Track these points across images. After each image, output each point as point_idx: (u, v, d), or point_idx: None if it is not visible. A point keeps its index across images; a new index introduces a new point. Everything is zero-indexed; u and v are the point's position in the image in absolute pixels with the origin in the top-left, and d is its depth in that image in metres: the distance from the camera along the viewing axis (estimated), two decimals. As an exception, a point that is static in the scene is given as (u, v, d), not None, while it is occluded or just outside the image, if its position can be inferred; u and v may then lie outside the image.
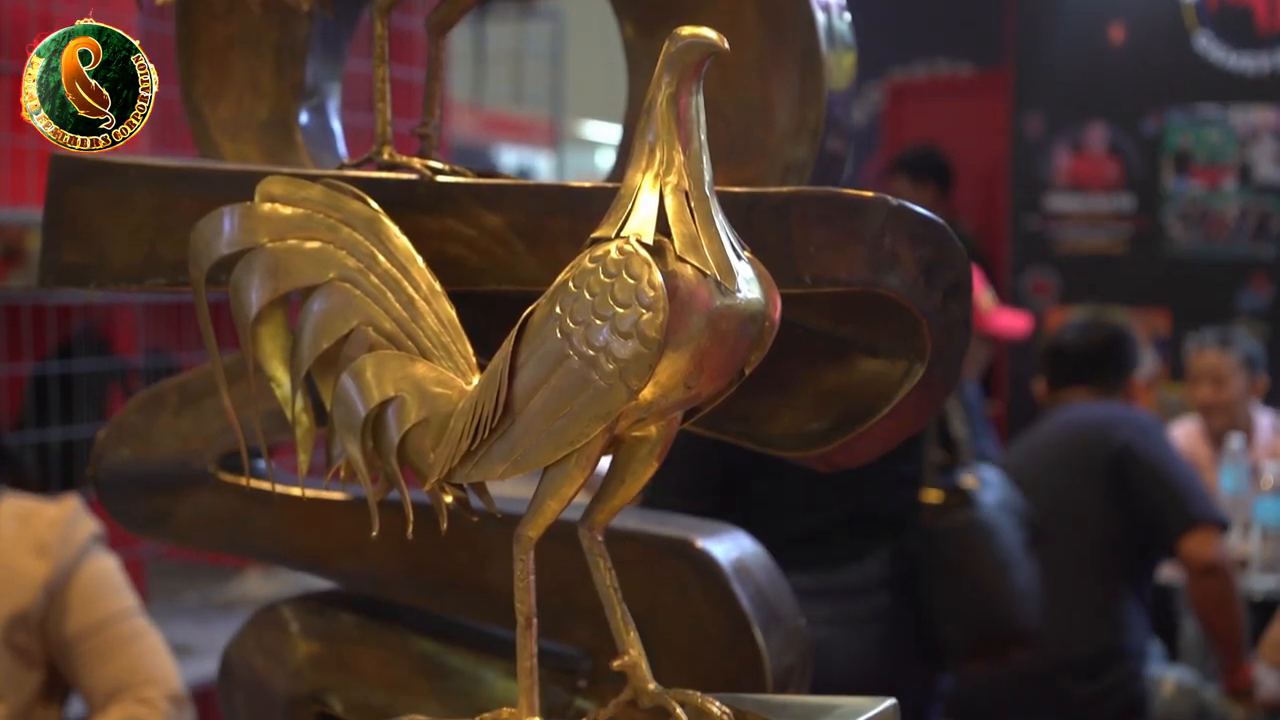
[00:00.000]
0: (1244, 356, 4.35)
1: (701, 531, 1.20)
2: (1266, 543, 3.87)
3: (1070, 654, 3.21)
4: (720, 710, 0.87)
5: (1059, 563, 3.21)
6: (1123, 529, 3.21)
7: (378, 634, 1.26)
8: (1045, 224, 5.68)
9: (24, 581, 2.05)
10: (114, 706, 2.07)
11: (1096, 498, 3.21)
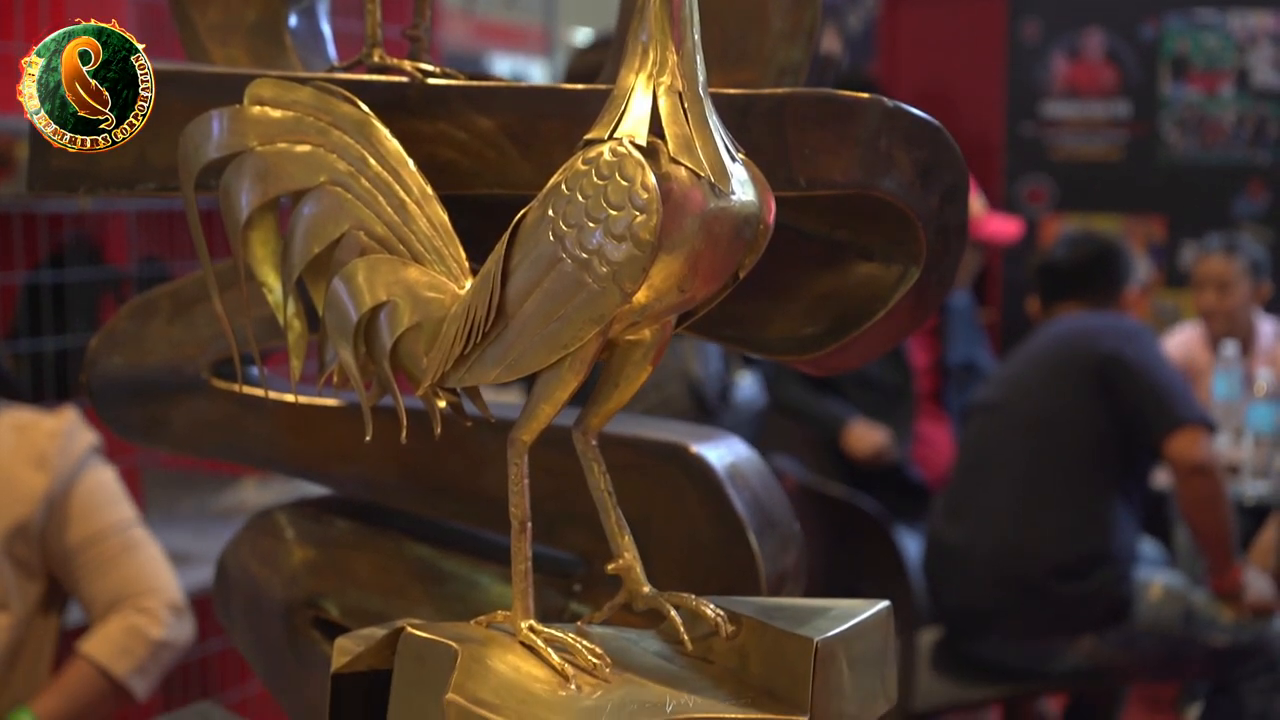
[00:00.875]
0: (1249, 262, 4.35)
1: (696, 437, 1.20)
2: (1259, 449, 3.89)
3: (1058, 558, 3.24)
4: (714, 613, 0.88)
5: (1048, 468, 3.24)
6: (1110, 433, 3.23)
7: (373, 539, 1.26)
8: (1041, 131, 5.66)
9: (24, 493, 2.05)
10: (114, 616, 2.09)
11: (1084, 403, 3.22)
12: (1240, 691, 3.37)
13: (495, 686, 0.79)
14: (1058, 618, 3.28)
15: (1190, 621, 3.33)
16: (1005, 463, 3.30)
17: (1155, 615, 3.32)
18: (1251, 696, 3.36)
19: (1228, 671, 3.39)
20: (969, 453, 3.41)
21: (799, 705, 0.81)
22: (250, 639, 1.33)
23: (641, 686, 0.82)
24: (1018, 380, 3.34)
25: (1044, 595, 3.25)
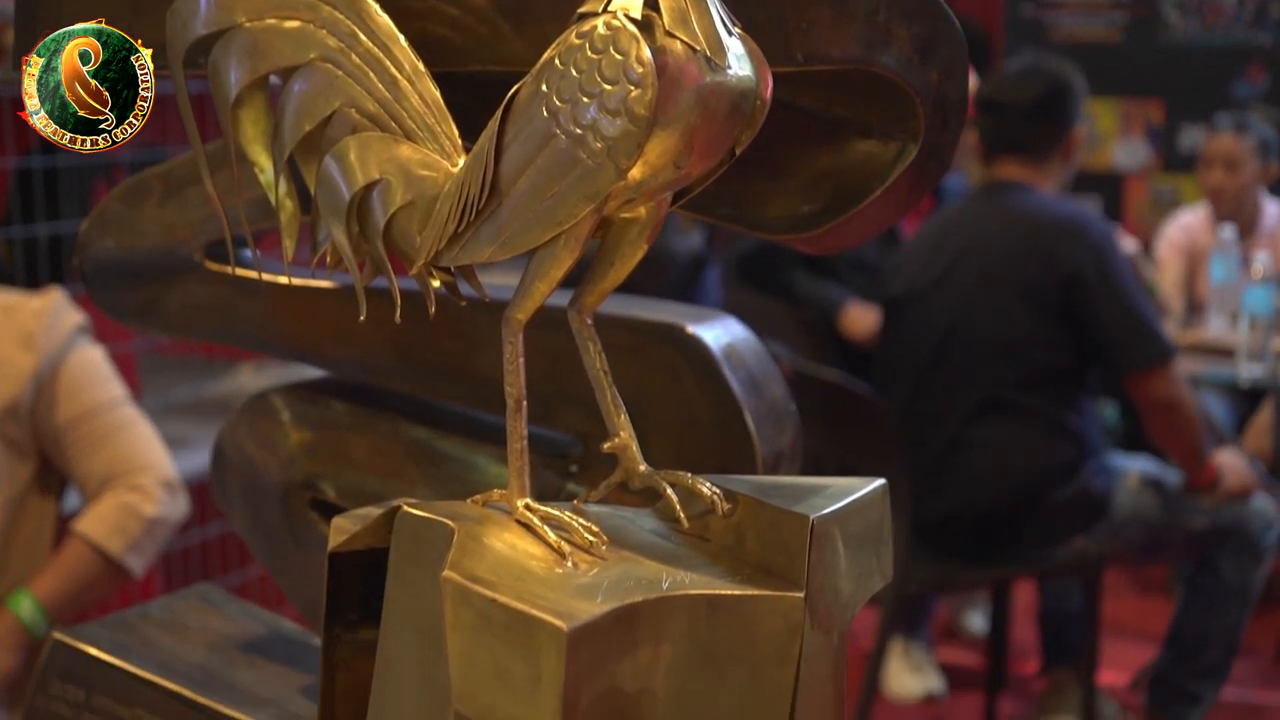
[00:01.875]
0: (1259, 141, 4.33)
1: (692, 317, 1.20)
2: (1254, 331, 3.89)
3: (1037, 469, 3.26)
4: (711, 491, 0.88)
5: (1015, 389, 3.25)
6: (1077, 355, 3.24)
7: (369, 421, 1.26)
8: (1040, 11, 5.60)
9: (11, 373, 2.05)
10: (107, 494, 2.09)
11: (1047, 329, 3.22)
12: (1220, 568, 3.42)
13: (492, 564, 0.79)
14: (1045, 524, 3.31)
15: (1169, 507, 3.36)
16: (970, 386, 3.30)
17: (1135, 504, 3.35)
18: (1230, 571, 3.41)
19: (1209, 551, 3.43)
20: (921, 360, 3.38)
21: (795, 582, 0.82)
22: (248, 521, 1.33)
23: (638, 564, 0.82)
24: (964, 295, 3.30)
25: (1029, 506, 3.29)
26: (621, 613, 0.76)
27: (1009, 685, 4.31)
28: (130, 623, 1.36)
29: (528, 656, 0.74)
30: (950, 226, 3.44)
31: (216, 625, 1.39)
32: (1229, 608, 3.45)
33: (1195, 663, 3.52)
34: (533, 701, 0.74)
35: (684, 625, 0.80)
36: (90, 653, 1.27)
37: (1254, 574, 3.42)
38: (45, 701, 1.28)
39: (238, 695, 1.27)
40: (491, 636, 0.75)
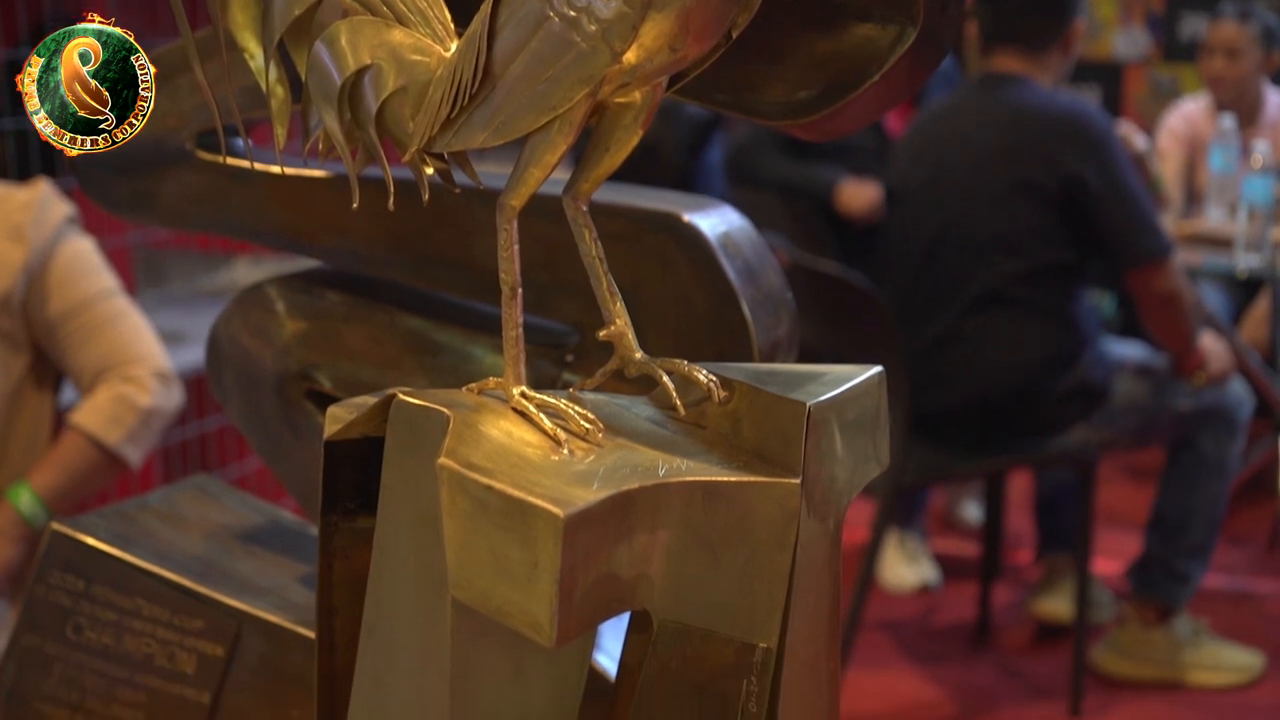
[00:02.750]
0: (1262, 29, 4.30)
1: (688, 206, 1.19)
2: (1253, 222, 3.88)
3: (1037, 361, 3.28)
4: (707, 378, 0.87)
5: (1006, 273, 3.25)
6: (1070, 250, 3.24)
7: (365, 311, 1.26)
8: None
9: (1, 266, 2.05)
10: (102, 386, 2.10)
11: (1045, 226, 3.22)
12: (1198, 445, 3.46)
13: (488, 451, 0.79)
14: (1044, 415, 3.33)
15: (1159, 392, 3.39)
16: (966, 279, 3.30)
17: (1129, 391, 3.37)
18: (1209, 447, 3.45)
19: (1190, 432, 3.47)
20: (918, 253, 3.38)
21: (791, 468, 0.82)
22: (244, 412, 1.33)
23: (634, 451, 0.82)
24: (962, 189, 3.29)
25: (1027, 397, 3.30)
26: (618, 499, 0.76)
27: (1004, 575, 4.35)
28: (129, 514, 1.36)
29: (524, 543, 0.74)
30: (946, 119, 3.41)
31: (214, 516, 1.40)
32: (1209, 483, 3.49)
33: (1180, 542, 3.56)
34: (529, 587, 0.74)
35: (680, 512, 0.80)
36: (89, 543, 1.28)
37: (1229, 448, 3.46)
38: (45, 592, 1.28)
39: (236, 584, 1.28)
40: (488, 523, 0.75)
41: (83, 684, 1.28)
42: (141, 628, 1.26)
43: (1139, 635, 3.67)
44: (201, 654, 1.25)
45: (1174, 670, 3.68)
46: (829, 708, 0.88)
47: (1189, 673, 3.68)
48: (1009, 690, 3.76)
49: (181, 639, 1.25)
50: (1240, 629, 3.96)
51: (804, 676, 0.84)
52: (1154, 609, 3.64)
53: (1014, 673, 3.86)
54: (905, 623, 4.15)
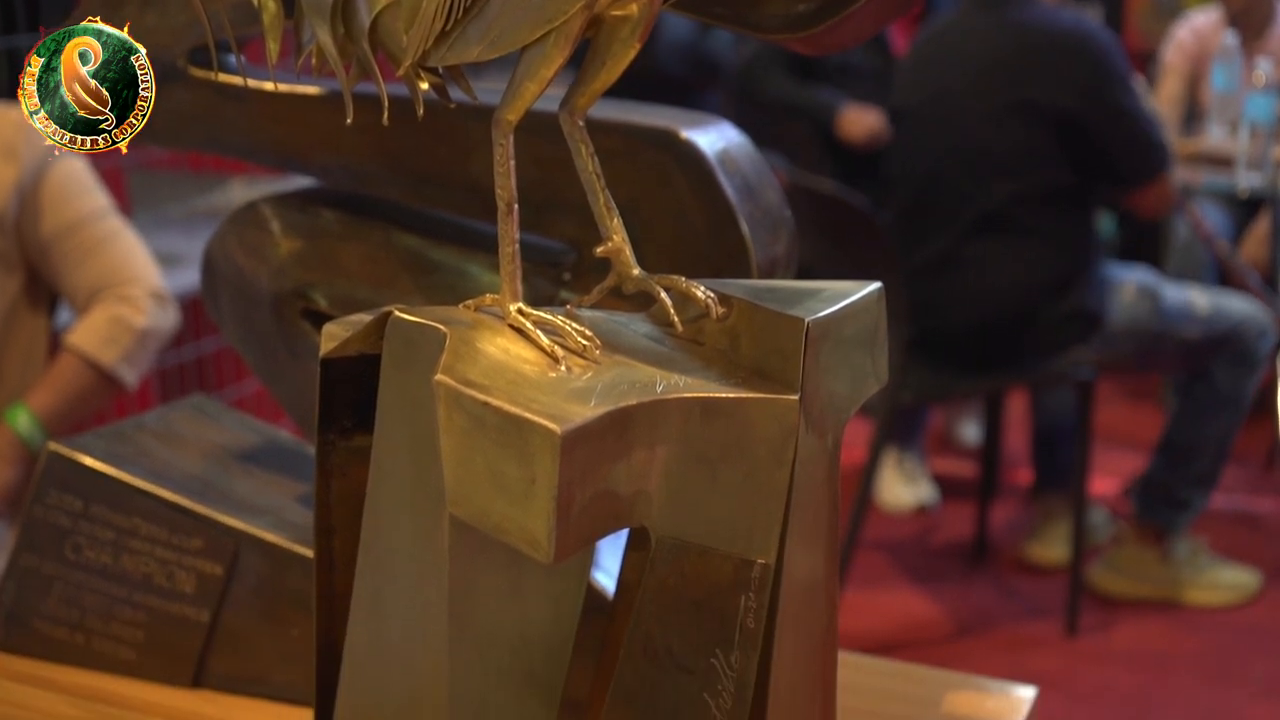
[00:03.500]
0: None
1: (686, 122, 1.17)
2: (1254, 140, 3.86)
3: (1035, 283, 3.27)
4: (705, 294, 0.87)
5: (1007, 194, 3.24)
6: (1071, 172, 3.23)
7: (360, 230, 1.25)
8: None
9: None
10: (97, 307, 2.09)
11: (1043, 140, 3.21)
12: (1214, 377, 3.46)
13: (485, 368, 0.79)
14: (1042, 337, 3.33)
15: (1163, 317, 3.38)
16: (967, 200, 3.29)
17: (1130, 315, 3.37)
18: (1224, 379, 3.45)
19: (1204, 361, 3.46)
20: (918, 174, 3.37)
21: (790, 384, 0.81)
22: (240, 332, 1.32)
23: (631, 368, 0.82)
24: (963, 109, 3.28)
25: (1025, 319, 3.30)
26: (615, 416, 0.76)
27: (1001, 494, 4.36)
28: (126, 433, 1.36)
29: (521, 460, 0.74)
30: (948, 37, 3.39)
31: (211, 436, 1.39)
32: (1221, 416, 3.49)
33: (1186, 470, 3.57)
34: (527, 504, 0.74)
35: (678, 428, 0.79)
36: (86, 463, 1.28)
37: (1247, 383, 3.46)
38: (43, 512, 1.28)
39: (234, 504, 1.27)
40: (485, 440, 0.75)
41: (82, 603, 1.28)
42: (140, 547, 1.26)
43: (1136, 555, 3.69)
44: (200, 573, 1.25)
45: (1171, 589, 3.70)
46: (827, 624, 0.88)
47: (1186, 592, 3.70)
48: (1006, 609, 3.78)
49: (180, 558, 1.26)
50: (1237, 548, 3.98)
51: (802, 592, 0.84)
52: (1153, 531, 3.66)
53: (1011, 592, 3.88)
54: (903, 542, 4.17)
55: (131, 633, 1.27)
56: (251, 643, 1.25)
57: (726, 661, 0.81)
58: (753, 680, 0.81)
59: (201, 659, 1.26)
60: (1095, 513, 3.97)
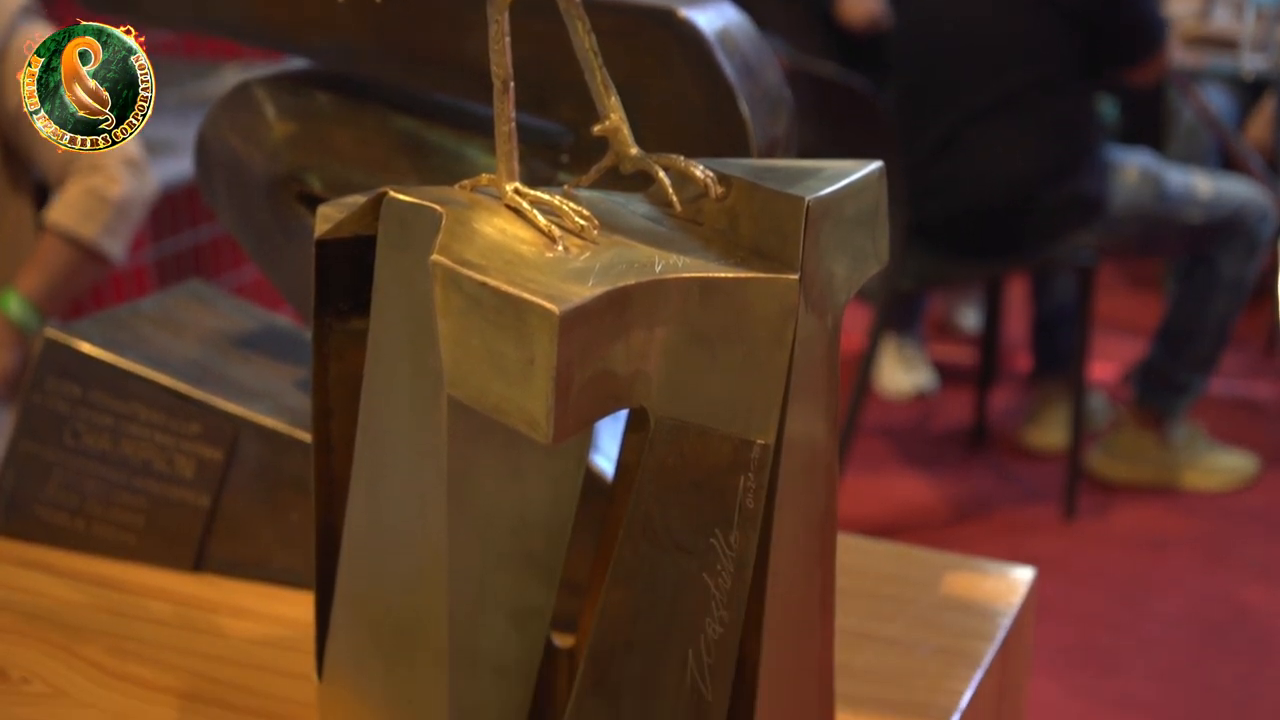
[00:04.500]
0: None
1: (685, 1, 1.16)
2: (1259, 22, 3.82)
3: (1036, 167, 3.26)
4: (704, 174, 0.86)
5: (1007, 79, 3.21)
6: (1071, 55, 3.22)
7: (355, 113, 1.23)
8: None
9: None
10: (71, 181, 2.08)
11: (1043, 22, 3.19)
12: (1216, 261, 3.45)
13: (481, 248, 0.78)
14: (1043, 222, 3.32)
15: (1164, 200, 3.37)
16: (967, 84, 3.27)
17: (1132, 198, 3.36)
18: (1225, 265, 3.44)
19: (1205, 246, 3.46)
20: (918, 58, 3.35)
21: (789, 264, 0.80)
22: (236, 216, 1.31)
23: (630, 248, 0.81)
24: None
25: (1026, 204, 3.29)
26: (614, 296, 0.75)
27: (1000, 380, 4.37)
28: (122, 319, 1.35)
29: (519, 340, 0.73)
30: None
31: (209, 321, 1.39)
32: (1221, 300, 3.49)
33: (1185, 354, 3.58)
34: (525, 385, 0.73)
35: (677, 309, 0.79)
36: (84, 350, 1.27)
37: (1248, 267, 3.45)
38: (41, 398, 1.28)
39: (233, 389, 1.27)
40: (482, 320, 0.74)
41: (82, 489, 1.28)
42: (139, 432, 1.26)
43: (1135, 439, 3.70)
44: (200, 458, 1.25)
45: (1168, 473, 3.72)
46: (826, 505, 0.88)
47: (1183, 475, 3.72)
48: (1004, 494, 3.80)
49: (179, 443, 1.25)
50: (1235, 432, 3.99)
51: (801, 473, 0.84)
52: (1152, 415, 3.67)
53: (1009, 477, 3.90)
54: (902, 428, 4.18)
55: (132, 518, 1.27)
56: (251, 527, 1.25)
57: (726, 541, 0.81)
58: (752, 560, 0.81)
59: (202, 543, 1.27)
60: (1094, 398, 3.98)
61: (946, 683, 1.13)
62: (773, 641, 0.85)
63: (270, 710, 1.08)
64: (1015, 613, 1.23)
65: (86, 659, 1.14)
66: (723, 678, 0.82)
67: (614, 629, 0.82)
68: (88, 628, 1.19)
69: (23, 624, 1.19)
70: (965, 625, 1.21)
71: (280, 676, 1.12)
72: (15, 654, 1.15)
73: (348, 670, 0.92)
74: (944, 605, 1.24)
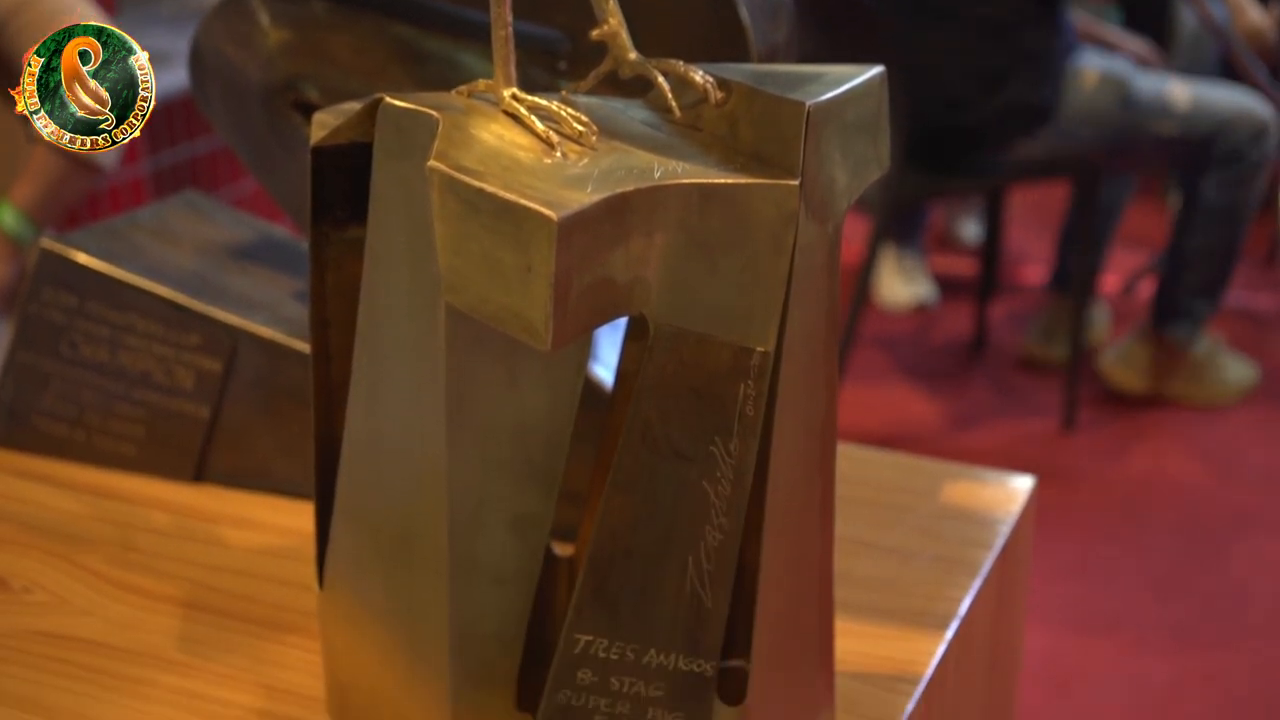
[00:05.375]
0: None
1: (683, -97, 1.14)
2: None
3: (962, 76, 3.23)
4: (703, 79, 0.85)
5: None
6: None
7: (351, 19, 1.22)
8: None
9: None
10: None
11: None
12: (1200, 189, 3.42)
13: (479, 155, 0.77)
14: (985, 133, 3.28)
15: (1130, 108, 3.31)
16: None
17: (1088, 105, 3.30)
18: (1211, 192, 3.41)
19: (1188, 166, 3.42)
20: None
21: (790, 169, 0.79)
22: (231, 126, 1.30)
23: (629, 153, 0.80)
24: None
25: (964, 112, 3.26)
26: (613, 202, 0.74)
27: (1001, 292, 4.36)
28: (118, 230, 1.35)
29: (517, 247, 0.72)
30: None
31: (206, 232, 1.38)
32: (1216, 228, 3.46)
33: (1187, 281, 3.56)
34: (524, 292, 0.73)
35: (676, 215, 0.78)
36: (80, 260, 1.27)
37: (1239, 192, 3.41)
38: (38, 309, 1.28)
39: (231, 300, 1.27)
40: (480, 228, 0.74)
41: (81, 400, 1.28)
42: (137, 344, 1.26)
43: (1147, 350, 3.70)
44: (199, 369, 1.25)
45: (1169, 383, 3.72)
46: (826, 413, 0.88)
47: (1187, 386, 3.72)
48: (1003, 406, 3.81)
49: (178, 354, 1.25)
50: (1237, 343, 3.99)
51: (801, 381, 0.84)
52: (1165, 336, 3.66)
53: (1009, 389, 3.90)
54: (902, 340, 4.18)
55: (131, 429, 1.27)
56: (252, 438, 1.25)
57: (725, 449, 0.80)
58: (752, 467, 0.81)
59: (202, 454, 1.27)
60: (1097, 309, 3.97)
61: (945, 590, 1.13)
62: (772, 549, 0.85)
63: (271, 618, 1.08)
64: (1014, 521, 1.23)
65: (88, 568, 1.15)
66: (722, 585, 0.83)
67: (614, 536, 0.82)
68: (88, 538, 1.19)
69: (23, 534, 1.19)
70: (964, 534, 1.21)
71: (281, 585, 1.12)
72: (16, 564, 1.15)
73: (348, 579, 0.92)
74: (943, 514, 1.24)
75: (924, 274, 4.34)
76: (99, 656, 1.04)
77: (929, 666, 1.04)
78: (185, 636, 1.06)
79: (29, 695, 0.99)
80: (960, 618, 1.10)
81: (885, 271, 4.26)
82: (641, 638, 0.83)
